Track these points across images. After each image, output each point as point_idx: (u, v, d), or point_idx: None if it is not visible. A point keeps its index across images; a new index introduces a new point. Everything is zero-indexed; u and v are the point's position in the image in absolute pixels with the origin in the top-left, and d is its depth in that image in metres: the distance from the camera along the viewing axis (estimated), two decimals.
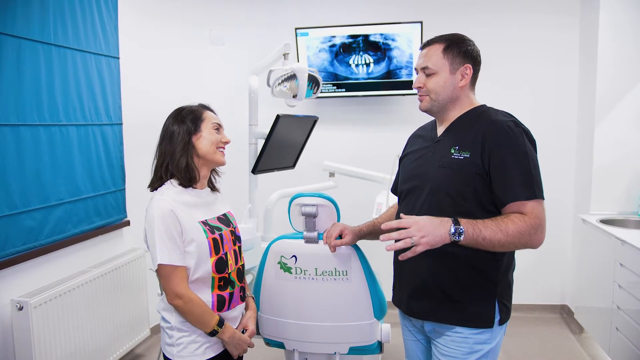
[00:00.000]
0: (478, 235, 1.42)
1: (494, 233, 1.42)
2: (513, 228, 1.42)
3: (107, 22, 2.86)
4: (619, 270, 2.72)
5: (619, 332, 2.70)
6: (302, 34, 3.59)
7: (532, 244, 1.46)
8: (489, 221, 1.44)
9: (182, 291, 1.55)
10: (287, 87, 2.54)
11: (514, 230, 1.42)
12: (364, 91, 3.67)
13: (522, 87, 3.64)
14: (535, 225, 1.44)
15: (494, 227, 1.43)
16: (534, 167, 1.49)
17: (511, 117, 1.56)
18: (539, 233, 1.45)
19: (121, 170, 3.02)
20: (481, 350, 1.55)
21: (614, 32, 3.21)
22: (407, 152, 1.77)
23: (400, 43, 3.52)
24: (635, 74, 3.20)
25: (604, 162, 3.28)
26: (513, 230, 1.42)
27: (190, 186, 1.64)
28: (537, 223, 1.44)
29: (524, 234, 1.43)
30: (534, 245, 1.46)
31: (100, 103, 2.81)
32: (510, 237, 1.42)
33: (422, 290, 1.59)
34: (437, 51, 1.58)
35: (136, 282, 3.04)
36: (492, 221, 1.44)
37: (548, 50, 3.61)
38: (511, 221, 1.43)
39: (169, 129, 1.65)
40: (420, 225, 1.39)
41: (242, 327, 1.74)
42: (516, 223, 1.43)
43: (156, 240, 1.53)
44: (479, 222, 1.44)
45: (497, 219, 1.45)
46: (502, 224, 1.43)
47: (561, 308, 3.78)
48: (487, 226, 1.43)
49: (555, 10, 3.57)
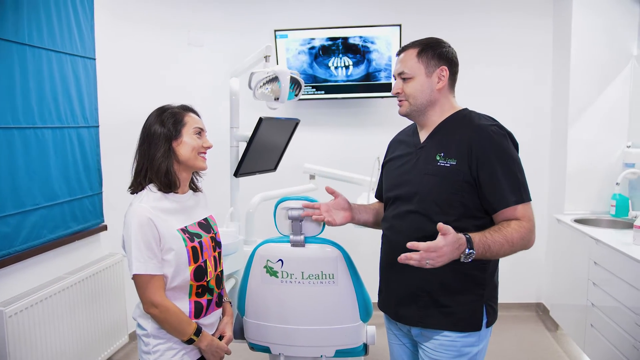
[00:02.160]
0: (486, 251, 1.43)
1: (501, 246, 1.44)
2: (517, 236, 1.45)
3: (83, 22, 2.79)
4: (593, 269, 2.80)
5: (593, 328, 2.78)
6: (281, 36, 3.58)
7: (528, 246, 1.50)
8: (496, 234, 1.45)
9: (159, 300, 1.53)
10: (269, 89, 2.53)
11: (518, 238, 1.45)
12: (343, 93, 3.68)
13: (497, 90, 3.71)
14: (531, 228, 1.48)
15: (501, 240, 1.44)
16: (520, 171, 1.52)
17: (494, 121, 1.58)
18: (533, 235, 1.49)
19: (98, 174, 2.95)
20: (469, 353, 1.57)
21: (586, 36, 3.31)
22: (390, 158, 1.77)
23: (379, 46, 3.54)
24: (606, 78, 3.30)
25: (577, 163, 3.37)
26: (517, 238, 1.45)
27: (170, 191, 1.61)
28: (532, 225, 1.48)
29: (524, 239, 1.47)
30: (529, 247, 1.50)
31: (77, 105, 2.74)
32: (514, 245, 1.46)
33: (410, 296, 1.60)
34: (411, 56, 1.59)
35: (114, 287, 2.98)
36: (498, 233, 1.45)
37: (522, 53, 3.69)
38: (514, 230, 1.46)
39: (149, 130, 1.61)
40: (443, 252, 1.35)
41: (220, 333, 1.73)
42: (518, 231, 1.46)
43: (133, 249, 1.50)
44: (488, 237, 1.44)
45: (502, 229, 1.46)
46: (508, 234, 1.45)
47: (537, 306, 3.87)
48: (495, 241, 1.44)
49: (529, 13, 3.66)
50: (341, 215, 1.79)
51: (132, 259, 1.51)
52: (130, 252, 1.51)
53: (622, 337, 2.46)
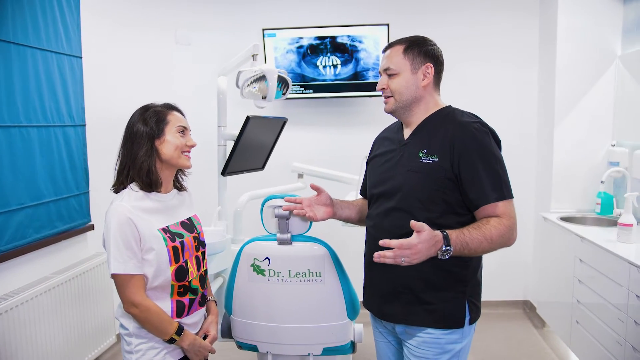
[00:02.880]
0: (464, 248, 1.43)
1: (479, 243, 1.44)
2: (496, 233, 1.45)
3: (69, 20, 2.77)
4: (578, 266, 2.83)
5: (579, 325, 2.81)
6: (269, 35, 3.58)
7: (508, 244, 1.50)
8: (474, 232, 1.45)
9: (139, 300, 1.52)
10: (257, 88, 2.53)
11: (497, 235, 1.45)
12: (331, 92, 3.69)
13: (484, 89, 3.73)
14: (511, 225, 1.48)
15: (480, 237, 1.44)
16: (502, 168, 1.53)
17: (477, 118, 1.59)
18: (514, 232, 1.49)
19: (85, 173, 2.93)
20: (452, 350, 1.57)
21: (571, 36, 3.34)
22: (374, 155, 1.77)
23: (367, 45, 3.55)
24: (591, 77, 3.34)
25: (563, 162, 3.41)
26: (496, 235, 1.45)
27: (152, 191, 1.60)
28: (512, 223, 1.48)
29: (504, 236, 1.46)
30: (510, 244, 1.50)
31: (62, 103, 2.72)
32: (493, 243, 1.46)
33: (393, 293, 1.60)
34: (398, 52, 1.60)
35: (102, 287, 2.97)
36: (477, 230, 1.45)
37: (509, 52, 3.72)
38: (493, 227, 1.45)
39: (132, 129, 1.60)
40: (418, 249, 1.36)
41: (204, 333, 1.72)
42: (497, 228, 1.45)
43: (111, 249, 1.50)
44: (466, 234, 1.44)
45: (481, 227, 1.46)
46: (487, 231, 1.45)
47: (524, 303, 3.90)
48: (473, 238, 1.44)
49: (515, 13, 3.69)
50: (322, 210, 1.78)
51: (111, 258, 1.50)
52: (109, 252, 1.51)
53: (606, 333, 2.49)
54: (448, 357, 1.57)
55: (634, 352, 2.25)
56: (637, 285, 2.24)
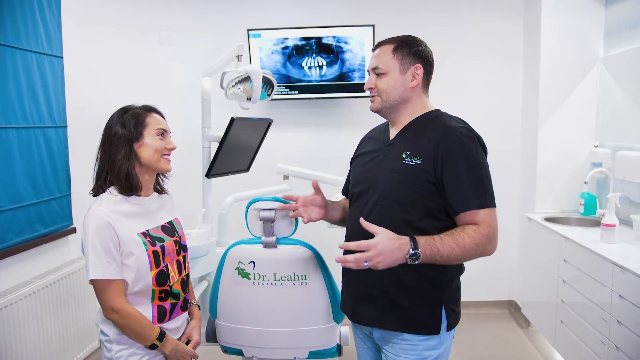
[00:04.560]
0: (435, 254, 1.40)
1: (451, 249, 1.40)
2: (469, 241, 1.41)
3: (50, 19, 2.72)
4: (563, 266, 2.85)
5: (563, 325, 2.83)
6: (254, 35, 3.55)
7: (486, 253, 1.46)
8: (446, 238, 1.42)
9: (119, 305, 1.49)
10: (242, 89, 2.50)
11: (471, 243, 1.41)
12: (316, 93, 3.67)
13: (468, 90, 3.75)
14: (489, 234, 1.44)
15: (452, 244, 1.41)
16: (486, 176, 1.49)
17: (464, 123, 1.57)
18: (492, 242, 1.45)
19: (66, 175, 2.88)
20: (430, 356, 1.54)
21: (555, 39, 3.37)
22: (358, 154, 1.75)
23: (352, 46, 3.55)
24: (574, 79, 3.37)
25: (547, 163, 3.44)
26: (470, 243, 1.41)
27: (131, 194, 1.57)
28: (491, 232, 1.44)
29: (479, 245, 1.42)
30: (488, 253, 1.46)
31: (43, 104, 2.67)
32: (467, 251, 1.42)
33: (368, 296, 1.58)
34: (387, 51, 1.57)
35: (84, 291, 2.91)
36: (449, 237, 1.42)
37: (494, 53, 3.74)
38: (467, 234, 1.42)
39: (110, 131, 1.57)
40: (379, 250, 1.34)
41: (186, 337, 1.70)
42: (472, 236, 1.42)
43: (90, 254, 1.47)
44: (437, 240, 1.41)
45: (454, 233, 1.43)
46: (460, 238, 1.41)
47: (509, 304, 3.93)
48: (444, 243, 1.40)
49: (500, 15, 3.71)
50: (316, 211, 1.76)
51: (90, 263, 1.47)
52: (87, 257, 1.48)
53: (590, 332, 2.52)
54: None
55: (617, 351, 2.27)
56: (620, 285, 2.26)
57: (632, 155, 2.89)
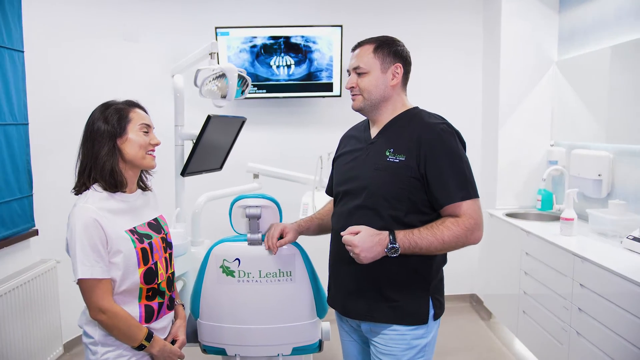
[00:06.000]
0: (414, 247, 1.48)
1: (430, 243, 1.48)
2: (448, 234, 1.49)
3: (9, 12, 2.59)
4: (524, 259, 3.00)
5: (525, 314, 2.97)
6: (222, 34, 3.52)
7: (470, 243, 1.53)
8: (425, 230, 1.49)
9: (106, 305, 1.46)
10: (217, 86, 2.48)
11: (450, 236, 1.49)
12: (284, 92, 3.68)
13: (431, 89, 3.83)
14: (470, 226, 1.50)
15: (430, 237, 1.48)
16: (467, 169, 1.56)
17: (443, 120, 1.63)
18: (475, 232, 1.52)
19: (28, 175, 2.75)
20: (418, 345, 1.61)
21: (513, 42, 3.53)
22: (340, 153, 1.79)
23: (321, 46, 3.58)
24: (532, 81, 3.54)
25: (507, 161, 3.60)
26: (449, 236, 1.49)
27: (116, 191, 1.54)
28: (472, 223, 1.51)
29: (460, 237, 1.49)
30: (473, 243, 1.54)
31: (3, 100, 2.55)
32: (447, 243, 1.49)
33: (357, 291, 1.62)
34: (368, 51, 1.62)
35: (47, 296, 2.80)
36: (428, 230, 1.49)
37: (455, 54, 3.87)
38: (446, 228, 1.49)
39: (92, 127, 1.53)
40: (360, 248, 1.46)
41: (172, 337, 1.68)
42: (451, 229, 1.49)
43: (77, 252, 1.42)
44: (415, 233, 1.49)
45: (433, 226, 1.50)
46: (438, 232, 1.49)
47: (470, 297, 4.08)
48: (423, 237, 1.48)
49: (461, 19, 3.85)
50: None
51: (77, 262, 1.43)
52: (75, 256, 1.43)
53: (552, 320, 2.66)
54: (414, 353, 1.61)
55: (578, 336, 2.41)
56: (581, 275, 2.41)
57: (586, 154, 3.08)
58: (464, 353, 3.24)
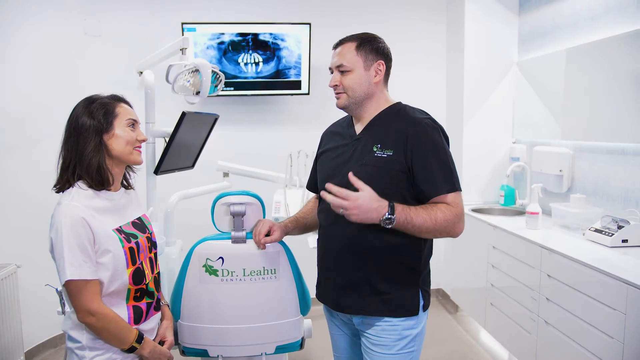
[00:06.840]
0: (408, 223, 1.50)
1: (424, 221, 1.51)
2: (442, 216, 1.52)
3: None
4: (492, 252, 3.09)
5: (493, 306, 3.07)
6: (189, 30, 3.44)
7: (454, 233, 1.57)
8: (421, 210, 1.52)
9: (95, 307, 1.40)
10: (191, 82, 2.43)
11: (442, 218, 1.52)
12: (252, 90, 3.65)
13: (395, 87, 3.86)
14: (458, 214, 1.56)
15: (425, 216, 1.51)
16: (452, 162, 1.62)
17: (427, 114, 1.68)
18: (460, 222, 1.57)
19: None
20: (409, 335, 1.64)
21: (476, 42, 3.64)
22: (324, 150, 1.79)
23: (289, 43, 3.56)
24: (494, 81, 3.67)
25: (471, 158, 3.71)
26: (441, 218, 1.52)
27: (102, 189, 1.49)
28: (459, 212, 1.56)
29: (449, 222, 1.54)
30: (455, 234, 1.58)
31: None
32: (438, 225, 1.52)
33: (349, 285, 1.63)
34: (350, 49, 1.63)
35: (6, 303, 2.64)
36: (423, 209, 1.53)
37: (420, 52, 3.95)
38: (440, 210, 1.53)
39: (76, 123, 1.47)
40: (357, 204, 1.45)
41: (160, 338, 1.64)
42: (444, 212, 1.53)
43: (65, 253, 1.36)
44: (412, 210, 1.51)
45: (428, 207, 1.54)
46: (432, 212, 1.52)
47: (437, 292, 4.17)
48: (418, 214, 1.51)
49: (425, 18, 3.94)
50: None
51: (65, 263, 1.36)
52: (62, 257, 1.37)
53: (520, 311, 2.76)
54: (405, 343, 1.64)
55: (546, 325, 2.51)
56: (548, 266, 2.51)
57: (547, 150, 3.22)
58: (432, 347, 3.30)
